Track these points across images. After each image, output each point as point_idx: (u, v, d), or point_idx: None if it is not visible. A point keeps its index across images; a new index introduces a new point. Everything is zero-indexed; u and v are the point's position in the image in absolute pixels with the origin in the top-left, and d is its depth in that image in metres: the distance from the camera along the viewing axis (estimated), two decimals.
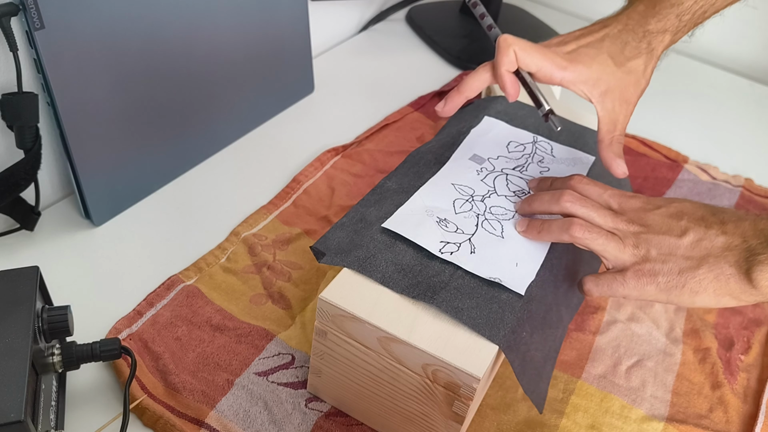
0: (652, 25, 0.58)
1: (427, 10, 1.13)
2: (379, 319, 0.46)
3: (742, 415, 0.58)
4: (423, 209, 0.55)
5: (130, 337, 0.56)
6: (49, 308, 0.48)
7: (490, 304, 0.49)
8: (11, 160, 0.60)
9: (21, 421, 0.39)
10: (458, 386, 0.45)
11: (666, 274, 0.48)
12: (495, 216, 0.56)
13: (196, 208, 0.71)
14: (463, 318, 0.47)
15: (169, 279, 0.62)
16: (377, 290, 0.49)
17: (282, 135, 0.82)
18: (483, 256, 0.52)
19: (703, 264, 0.48)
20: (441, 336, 0.46)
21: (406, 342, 0.45)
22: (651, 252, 0.49)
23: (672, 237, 0.49)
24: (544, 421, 0.55)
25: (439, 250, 0.52)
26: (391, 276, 0.50)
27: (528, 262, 0.52)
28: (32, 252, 0.63)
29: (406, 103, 0.90)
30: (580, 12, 1.22)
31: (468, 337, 0.46)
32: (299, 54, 0.85)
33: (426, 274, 0.50)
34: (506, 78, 0.57)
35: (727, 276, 0.47)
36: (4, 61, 0.58)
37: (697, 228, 0.49)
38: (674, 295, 0.48)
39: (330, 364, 0.51)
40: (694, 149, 0.88)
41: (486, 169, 0.61)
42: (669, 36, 0.59)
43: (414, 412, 0.49)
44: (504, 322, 0.47)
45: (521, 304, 0.49)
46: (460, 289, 0.49)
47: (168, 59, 0.68)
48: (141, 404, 0.51)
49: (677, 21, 0.59)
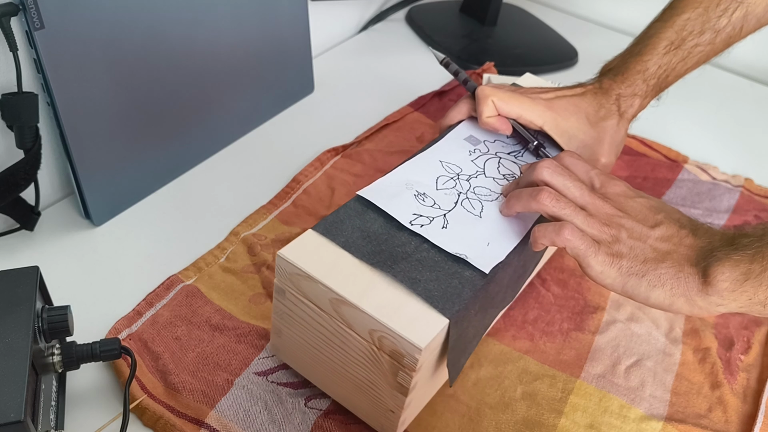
0: (622, 89, 0.63)
1: (427, 10, 1.13)
2: (332, 280, 0.47)
3: (742, 414, 0.58)
4: (403, 182, 0.56)
5: (129, 337, 0.56)
6: (49, 308, 0.48)
7: (451, 279, 0.49)
8: (11, 160, 0.60)
9: (21, 421, 0.39)
10: (402, 355, 0.45)
11: (631, 259, 0.48)
12: (478, 196, 0.56)
13: (196, 208, 0.71)
14: (418, 289, 0.47)
15: (168, 279, 0.62)
16: (337, 253, 0.49)
17: (282, 135, 0.82)
18: (454, 232, 0.52)
19: (667, 258, 0.47)
20: (392, 304, 0.46)
21: (355, 305, 0.45)
22: (621, 233, 0.49)
23: (644, 226, 0.49)
24: (542, 421, 0.55)
25: (410, 222, 0.52)
26: (355, 241, 0.50)
27: (501, 242, 0.52)
28: (32, 252, 0.63)
29: (406, 103, 0.90)
30: (580, 12, 1.22)
31: (420, 308, 0.46)
32: (299, 54, 0.86)
33: (391, 244, 0.50)
34: (490, 122, 0.61)
35: (687, 275, 0.47)
36: (4, 61, 0.58)
37: (670, 224, 0.49)
38: (631, 285, 0.48)
39: (289, 325, 0.51)
40: (694, 149, 0.88)
41: (480, 150, 0.61)
42: (639, 99, 0.63)
43: (363, 380, 0.49)
44: (461, 298, 0.47)
45: (483, 283, 0.49)
46: (422, 262, 0.49)
47: (168, 59, 0.68)
48: (141, 404, 0.51)
49: (645, 85, 0.63)
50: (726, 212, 0.79)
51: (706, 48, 0.64)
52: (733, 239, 0.47)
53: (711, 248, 0.47)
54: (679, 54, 0.63)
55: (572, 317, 0.64)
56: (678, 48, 0.63)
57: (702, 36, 0.63)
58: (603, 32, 1.18)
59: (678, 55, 0.63)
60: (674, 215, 0.51)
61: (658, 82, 0.64)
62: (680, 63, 0.64)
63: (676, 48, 0.63)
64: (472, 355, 0.59)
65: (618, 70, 0.64)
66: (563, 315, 0.64)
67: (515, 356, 0.60)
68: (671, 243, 0.48)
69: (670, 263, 0.47)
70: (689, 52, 0.63)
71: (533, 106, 0.61)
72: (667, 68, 0.63)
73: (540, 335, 0.62)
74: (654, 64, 0.63)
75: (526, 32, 1.12)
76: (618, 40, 1.16)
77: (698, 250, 0.48)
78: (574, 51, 1.07)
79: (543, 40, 1.10)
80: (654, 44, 0.63)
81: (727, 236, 0.48)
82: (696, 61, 0.64)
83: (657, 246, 0.48)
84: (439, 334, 0.45)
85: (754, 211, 0.80)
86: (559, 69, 1.04)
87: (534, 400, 0.56)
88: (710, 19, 0.63)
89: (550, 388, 0.57)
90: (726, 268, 0.45)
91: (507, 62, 1.00)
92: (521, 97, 0.61)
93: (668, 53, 0.63)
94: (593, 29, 1.18)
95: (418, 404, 0.52)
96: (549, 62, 1.04)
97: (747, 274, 0.45)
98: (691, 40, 0.63)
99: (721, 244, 0.47)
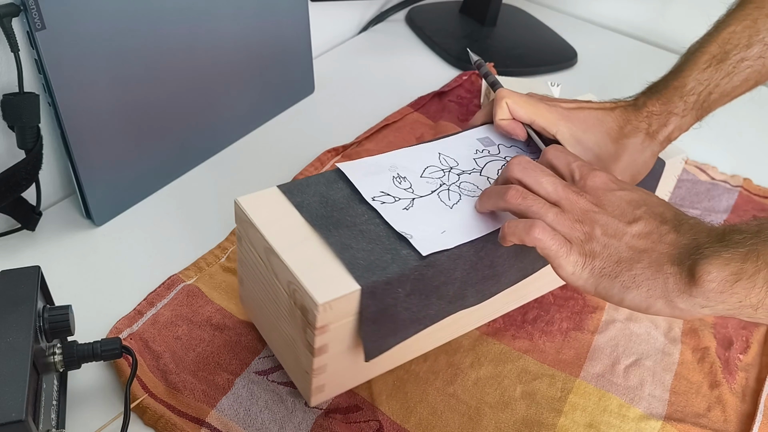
0: (656, 106, 0.58)
1: (427, 11, 1.13)
2: (268, 230, 0.49)
3: (740, 414, 0.58)
4: (388, 164, 0.56)
5: (130, 337, 0.56)
6: (50, 308, 0.49)
7: (384, 254, 0.49)
8: (12, 160, 0.60)
9: (22, 421, 0.39)
10: (307, 311, 0.46)
11: (604, 258, 0.45)
12: (460, 189, 0.55)
13: (196, 208, 0.71)
14: (345, 255, 0.48)
15: (169, 278, 0.62)
16: (288, 211, 0.51)
17: (282, 135, 0.83)
18: (414, 215, 0.52)
19: (644, 257, 0.44)
20: (313, 261, 0.47)
21: (279, 256, 0.47)
22: (596, 231, 0.45)
23: (621, 222, 0.46)
24: (542, 420, 0.55)
25: (372, 197, 0.52)
26: (310, 204, 0.51)
27: (456, 233, 0.51)
28: (33, 252, 0.64)
29: (406, 103, 0.90)
30: (579, 12, 1.22)
31: (338, 271, 0.47)
32: (299, 54, 0.86)
33: (345, 213, 0.51)
34: (502, 125, 0.60)
35: (666, 275, 0.43)
36: (6, 62, 0.58)
37: (650, 220, 0.46)
38: (603, 287, 0.44)
39: (246, 274, 0.53)
40: (693, 149, 0.89)
41: (489, 152, 0.60)
42: (675, 118, 0.58)
43: (288, 336, 0.50)
44: (384, 272, 0.47)
45: (416, 264, 0.48)
46: (364, 233, 0.50)
47: (169, 59, 0.68)
48: (142, 403, 0.52)
49: (682, 103, 0.58)
50: (725, 212, 0.79)
51: (755, 64, 0.58)
52: (723, 235, 0.43)
53: (696, 245, 0.43)
54: (722, 69, 0.58)
55: (571, 317, 0.64)
56: (721, 62, 0.58)
57: (749, 50, 0.58)
58: (602, 33, 1.18)
59: (722, 70, 0.58)
60: (657, 209, 0.47)
61: (699, 99, 0.58)
62: (725, 79, 0.58)
63: (719, 62, 0.58)
64: (471, 355, 0.59)
65: (656, 87, 0.60)
66: (562, 314, 0.64)
67: (515, 356, 0.60)
68: (650, 240, 0.45)
69: (647, 263, 0.44)
70: (735, 67, 0.58)
71: (547, 113, 0.58)
72: (709, 84, 0.58)
73: (539, 335, 0.62)
74: (693, 79, 0.58)
75: (525, 33, 1.12)
76: (618, 40, 1.17)
77: (681, 248, 0.44)
78: (574, 51, 1.07)
79: (542, 40, 1.10)
80: (695, 59, 0.59)
81: (716, 232, 0.44)
82: (744, 78, 0.59)
83: (634, 244, 0.45)
84: (345, 297, 0.46)
85: (753, 211, 0.80)
86: (558, 69, 1.04)
87: (533, 400, 0.57)
88: (759, 31, 0.57)
89: (549, 387, 0.58)
90: (714, 267, 0.41)
91: (507, 62, 1.00)
92: (537, 103, 0.59)
93: (709, 68, 0.58)
94: (593, 30, 1.19)
95: (342, 376, 0.52)
96: (548, 62, 1.04)
97: (738, 274, 0.40)
98: (736, 54, 0.58)
99: (708, 240, 0.43)
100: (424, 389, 0.56)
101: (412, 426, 0.54)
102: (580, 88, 1.00)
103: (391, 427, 0.53)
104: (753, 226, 0.42)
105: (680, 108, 0.58)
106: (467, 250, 0.51)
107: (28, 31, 0.56)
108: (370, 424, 0.53)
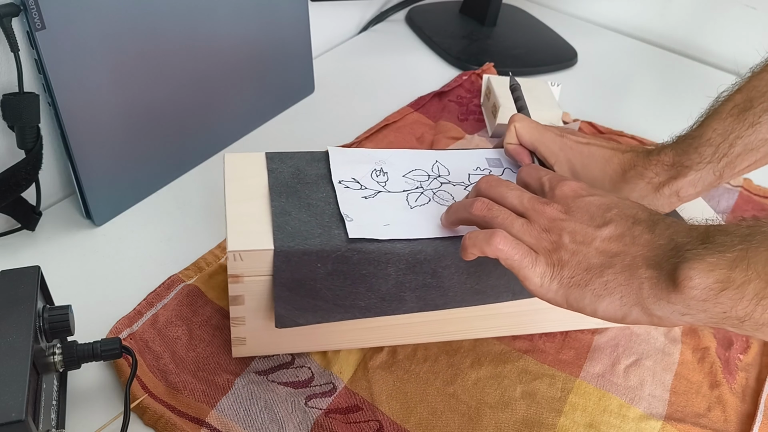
0: (669, 156, 0.53)
1: (427, 11, 1.13)
2: (230, 186, 0.54)
3: (741, 414, 0.58)
4: (376, 159, 0.57)
5: (130, 337, 0.56)
6: (50, 308, 0.49)
7: (316, 228, 0.50)
8: (12, 160, 0.60)
9: (22, 421, 0.39)
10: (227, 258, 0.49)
11: (572, 267, 0.41)
12: (434, 196, 0.55)
13: (196, 208, 0.71)
14: (278, 219, 0.50)
15: (169, 278, 0.62)
16: (259, 173, 0.55)
17: (282, 135, 0.83)
18: (370, 204, 0.52)
19: (616, 262, 0.41)
20: (248, 218, 0.51)
21: (225, 205, 0.52)
22: (564, 238, 0.42)
23: (590, 227, 0.42)
24: (542, 420, 0.55)
25: (339, 180, 0.53)
26: (282, 173, 0.55)
27: (396, 229, 0.50)
28: (33, 252, 0.64)
29: (406, 103, 0.90)
30: (579, 13, 1.22)
31: (264, 231, 0.50)
32: (299, 54, 0.86)
33: (307, 188, 0.53)
34: (508, 148, 0.59)
35: (641, 280, 0.39)
36: (5, 62, 0.58)
37: (621, 222, 0.42)
38: (574, 297, 0.41)
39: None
40: None
41: (491, 172, 0.58)
42: (688, 173, 0.51)
43: None
44: (305, 243, 0.48)
45: (340, 244, 0.49)
46: (311, 206, 0.52)
47: (169, 59, 0.68)
48: (141, 404, 0.52)
49: (697, 155, 0.52)
50: (724, 212, 0.79)
51: None
52: (706, 236, 0.38)
53: (675, 246, 0.39)
54: (746, 119, 0.51)
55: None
56: (745, 111, 0.51)
57: None
58: (602, 33, 1.18)
59: (745, 121, 0.51)
60: (629, 210, 0.43)
61: (718, 152, 0.51)
62: (748, 130, 0.51)
63: (742, 111, 0.51)
64: (472, 355, 0.59)
65: (677, 136, 0.55)
66: None
67: (515, 356, 0.60)
68: (622, 243, 0.41)
69: (619, 267, 0.40)
70: (760, 117, 0.51)
71: (551, 143, 0.55)
72: (730, 136, 0.51)
73: (539, 335, 0.62)
74: (711, 129, 0.52)
75: (525, 33, 1.12)
76: (618, 40, 1.17)
77: (657, 249, 0.40)
78: (574, 51, 1.07)
79: (542, 40, 1.10)
80: (719, 108, 0.53)
81: (698, 232, 0.39)
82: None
83: (604, 248, 0.41)
84: (257, 253, 0.48)
85: (753, 212, 0.80)
86: (558, 69, 1.04)
87: (533, 400, 0.57)
88: None
89: (549, 387, 0.58)
90: (696, 273, 0.37)
91: (507, 62, 1.00)
92: (544, 131, 0.56)
93: (730, 116, 0.52)
94: (593, 30, 1.19)
95: (265, 335, 0.54)
96: (548, 62, 1.04)
97: (725, 283, 0.36)
98: (762, 103, 0.51)
99: (689, 240, 0.39)
100: (425, 389, 0.56)
101: (412, 426, 0.54)
102: (580, 88, 1.00)
103: (391, 427, 0.53)
104: (742, 228, 0.38)
105: (694, 161, 0.51)
106: (402, 248, 0.50)
107: (28, 31, 0.56)
108: (370, 424, 0.53)
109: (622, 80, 1.05)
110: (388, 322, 0.55)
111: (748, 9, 1.07)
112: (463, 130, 0.86)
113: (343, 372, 0.57)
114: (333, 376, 0.56)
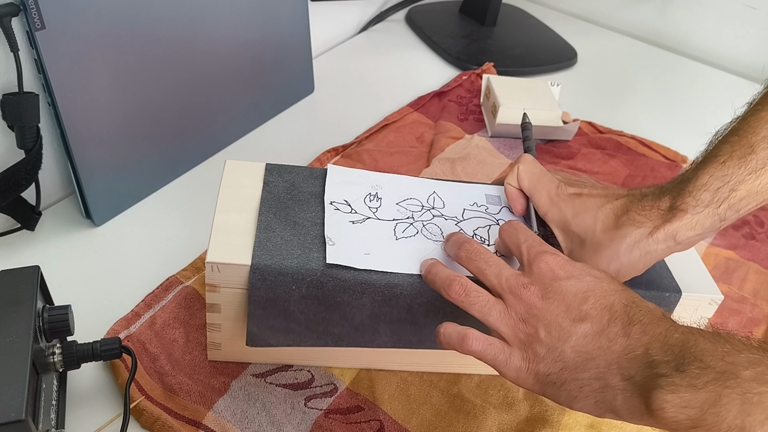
0: (664, 201, 0.50)
1: (426, 11, 1.13)
2: (223, 193, 0.54)
3: None
4: (373, 183, 0.56)
5: (128, 339, 0.56)
6: (49, 308, 0.48)
7: (295, 248, 0.50)
8: (12, 160, 0.60)
9: (22, 421, 0.39)
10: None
11: (548, 364, 0.42)
12: (423, 228, 0.54)
13: (196, 208, 0.71)
14: (261, 234, 0.50)
15: (167, 280, 0.62)
16: (255, 185, 0.55)
17: (282, 135, 0.82)
18: (356, 230, 0.52)
19: (591, 367, 0.41)
20: (233, 230, 0.51)
21: (214, 214, 0.52)
22: (540, 332, 0.42)
23: (567, 321, 0.42)
24: (545, 420, 0.55)
25: (330, 201, 0.53)
26: (276, 185, 0.55)
27: (375, 260, 0.50)
28: (33, 252, 0.64)
29: (406, 103, 0.90)
30: (579, 12, 1.22)
31: (245, 245, 0.50)
32: (299, 54, 0.86)
33: (298, 204, 0.53)
34: (507, 190, 0.57)
35: (615, 391, 0.40)
36: (5, 62, 0.58)
37: (598, 319, 0.42)
38: (550, 393, 0.42)
39: None
40: (693, 149, 0.88)
41: (487, 210, 0.57)
42: (684, 216, 0.49)
43: None
44: (283, 262, 0.48)
45: (316, 267, 0.48)
46: (297, 225, 0.51)
47: (168, 59, 0.68)
48: (138, 406, 0.51)
49: (692, 199, 0.49)
50: None
51: None
52: (681, 359, 0.38)
53: (649, 362, 0.39)
54: (746, 164, 0.48)
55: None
56: (746, 156, 0.49)
57: None
58: (602, 33, 1.18)
59: (745, 166, 0.48)
60: (605, 300, 0.43)
61: (716, 196, 0.49)
62: (750, 176, 0.48)
63: (742, 157, 0.49)
64: None
65: (673, 179, 0.53)
66: None
67: None
68: (597, 344, 0.41)
69: (594, 373, 0.40)
70: (764, 162, 0.48)
71: (545, 195, 0.54)
72: (731, 181, 0.49)
73: None
74: (707, 173, 0.49)
75: (525, 33, 1.12)
76: (618, 40, 1.17)
77: (632, 360, 0.40)
78: (574, 51, 1.07)
79: (542, 40, 1.10)
80: (715, 150, 0.51)
81: (672, 351, 0.38)
82: None
83: (580, 347, 0.41)
84: (234, 266, 0.48)
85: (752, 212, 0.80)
86: (558, 69, 1.04)
87: (537, 399, 0.56)
88: None
89: None
90: (670, 406, 0.36)
91: (506, 62, 1.00)
92: (540, 178, 0.55)
93: (730, 160, 0.49)
94: (593, 30, 1.19)
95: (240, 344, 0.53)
96: (548, 62, 1.04)
97: (696, 421, 0.36)
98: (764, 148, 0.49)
99: (664, 359, 0.38)
100: (428, 390, 0.56)
101: (413, 426, 0.54)
102: (580, 87, 1.00)
103: (393, 427, 0.53)
104: (717, 358, 0.37)
105: (690, 204, 0.49)
106: (378, 279, 0.49)
107: (27, 30, 0.56)
108: (370, 424, 0.53)
109: (621, 80, 1.05)
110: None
111: (747, 9, 1.07)
112: (463, 130, 0.86)
113: (345, 373, 0.57)
114: (334, 377, 0.56)
